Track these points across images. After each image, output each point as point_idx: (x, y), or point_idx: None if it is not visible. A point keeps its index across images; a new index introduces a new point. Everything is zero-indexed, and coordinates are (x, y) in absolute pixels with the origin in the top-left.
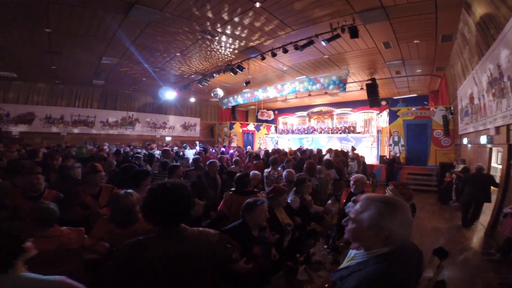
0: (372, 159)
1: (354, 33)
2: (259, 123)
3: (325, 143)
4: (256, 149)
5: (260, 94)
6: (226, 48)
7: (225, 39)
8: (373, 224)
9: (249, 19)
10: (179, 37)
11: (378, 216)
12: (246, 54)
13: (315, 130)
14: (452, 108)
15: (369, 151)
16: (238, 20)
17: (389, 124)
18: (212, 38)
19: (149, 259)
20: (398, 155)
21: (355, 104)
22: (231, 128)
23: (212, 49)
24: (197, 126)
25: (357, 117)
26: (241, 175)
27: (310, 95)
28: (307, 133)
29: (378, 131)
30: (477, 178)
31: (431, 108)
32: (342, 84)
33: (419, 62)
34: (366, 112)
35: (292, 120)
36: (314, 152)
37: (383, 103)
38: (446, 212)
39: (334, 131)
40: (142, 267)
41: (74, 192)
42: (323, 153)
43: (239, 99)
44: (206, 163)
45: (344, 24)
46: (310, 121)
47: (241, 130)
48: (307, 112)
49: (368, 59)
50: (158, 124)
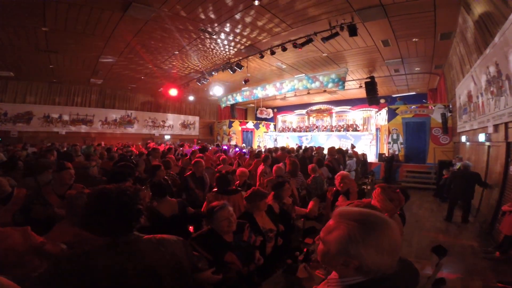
0: (371, 157)
1: (353, 31)
2: (258, 121)
3: (325, 141)
4: (256, 147)
5: (259, 92)
6: (225, 46)
7: (224, 37)
8: (341, 249)
9: (248, 17)
10: (177, 36)
11: (347, 241)
12: (245, 52)
13: (316, 128)
14: (451, 106)
15: (368, 149)
16: (237, 18)
17: (388, 122)
18: (210, 36)
19: (92, 271)
20: (397, 153)
21: (354, 102)
22: (230, 127)
23: (211, 47)
24: (196, 125)
25: (356, 115)
26: (222, 175)
27: (309, 93)
28: (307, 131)
29: (377, 129)
30: (464, 176)
31: (430, 106)
32: (341, 82)
33: (418, 60)
34: (365, 110)
35: (291, 118)
36: (314, 151)
37: (382, 101)
38: (445, 210)
39: (334, 129)
40: (83, 281)
41: (39, 191)
42: (323, 152)
43: (238, 97)
44: (192, 163)
45: (343, 22)
46: (309, 119)
47: (240, 129)
48: (306, 110)
49: (367, 57)
50: (157, 123)
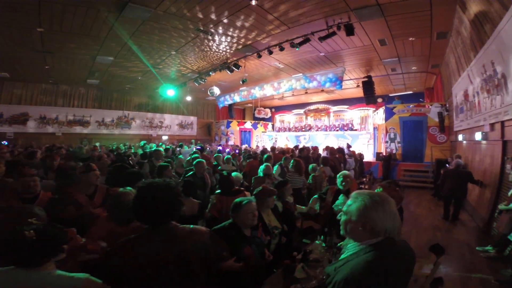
0: (369, 156)
1: (350, 31)
2: (256, 121)
3: (322, 141)
4: (254, 147)
5: (257, 92)
6: (222, 46)
7: (221, 38)
8: (360, 215)
9: (245, 17)
10: (174, 36)
11: (363, 208)
12: (242, 52)
13: (310, 129)
14: (447, 105)
15: (366, 148)
16: (234, 18)
17: (385, 121)
18: (207, 36)
19: (137, 256)
20: (395, 152)
21: (352, 102)
22: (228, 127)
23: (208, 48)
24: (194, 125)
25: (354, 115)
26: (223, 177)
27: (307, 93)
28: (304, 131)
29: (375, 128)
30: (456, 174)
31: (427, 105)
32: (339, 82)
33: (415, 60)
34: (363, 109)
35: (289, 118)
36: (311, 150)
37: (379, 100)
38: (442, 209)
39: (331, 129)
40: (132, 265)
41: (68, 192)
42: (319, 152)
43: (236, 97)
44: (193, 163)
45: (340, 22)
46: (307, 119)
47: (238, 128)
48: (304, 110)
49: (364, 57)
50: (155, 123)
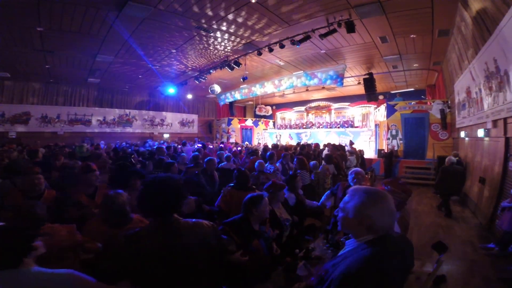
0: (370, 153)
1: (351, 28)
2: (257, 119)
3: (324, 138)
4: (255, 145)
5: (258, 90)
6: (222, 44)
7: (221, 35)
8: (357, 212)
9: (245, 15)
10: (174, 34)
11: (361, 205)
12: (243, 50)
13: (312, 125)
14: (449, 102)
15: (367, 145)
16: (234, 16)
17: (387, 118)
18: (208, 34)
19: (141, 249)
20: (396, 149)
21: (353, 99)
22: (229, 124)
23: (208, 45)
24: (195, 123)
25: (355, 112)
26: (241, 172)
27: (308, 90)
28: (306, 128)
29: (376, 125)
30: (451, 171)
31: (429, 102)
32: (340, 79)
33: (416, 57)
34: (364, 107)
35: (290, 115)
36: (313, 147)
37: (381, 98)
38: (444, 206)
39: (333, 126)
40: (136, 257)
41: (69, 192)
42: (321, 148)
43: (237, 95)
44: (205, 160)
45: (341, 19)
46: (308, 116)
47: (239, 126)
48: (305, 107)
49: (365, 54)
50: (156, 122)
